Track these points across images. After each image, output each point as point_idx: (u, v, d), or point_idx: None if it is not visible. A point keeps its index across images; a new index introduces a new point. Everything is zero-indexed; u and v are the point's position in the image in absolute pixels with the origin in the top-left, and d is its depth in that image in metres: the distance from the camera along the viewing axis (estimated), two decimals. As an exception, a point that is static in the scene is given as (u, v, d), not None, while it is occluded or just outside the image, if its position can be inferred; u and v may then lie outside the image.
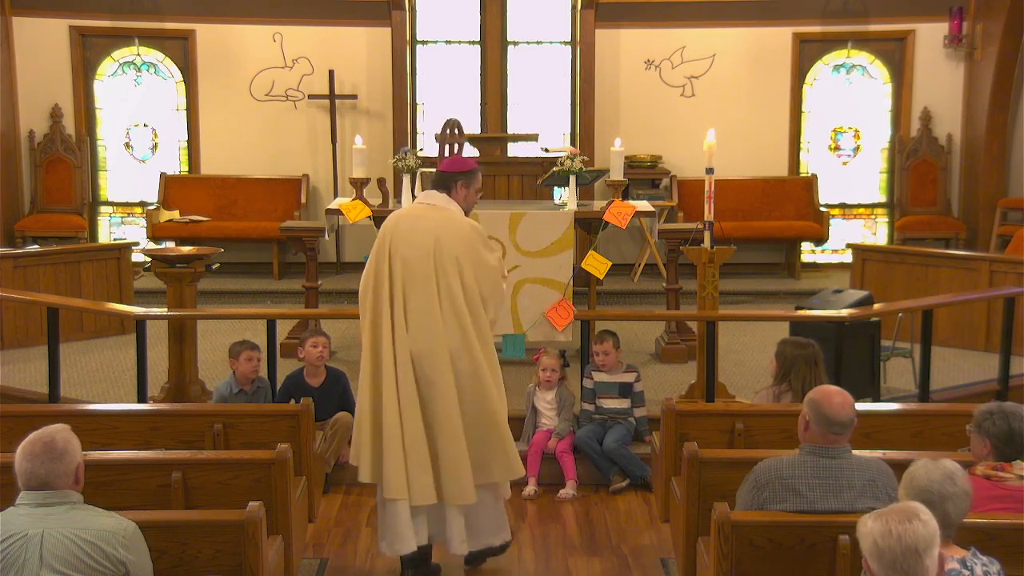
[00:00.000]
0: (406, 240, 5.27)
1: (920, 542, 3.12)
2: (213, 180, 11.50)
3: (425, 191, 5.52)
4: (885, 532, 3.15)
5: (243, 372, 6.68)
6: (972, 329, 8.81)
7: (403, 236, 5.29)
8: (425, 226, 5.30)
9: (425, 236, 5.25)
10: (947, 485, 3.55)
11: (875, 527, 3.17)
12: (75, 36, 11.39)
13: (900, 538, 3.12)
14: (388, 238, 5.32)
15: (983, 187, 11.33)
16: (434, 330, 5.19)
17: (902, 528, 3.14)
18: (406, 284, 5.22)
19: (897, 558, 3.11)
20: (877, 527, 3.17)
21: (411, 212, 5.51)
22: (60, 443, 3.76)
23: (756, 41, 11.56)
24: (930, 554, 3.14)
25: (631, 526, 6.30)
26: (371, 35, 11.35)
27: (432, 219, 5.32)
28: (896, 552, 3.11)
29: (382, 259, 5.29)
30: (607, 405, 6.97)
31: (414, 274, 5.22)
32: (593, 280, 8.15)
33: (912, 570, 3.12)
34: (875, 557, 3.15)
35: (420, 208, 5.45)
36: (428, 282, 5.21)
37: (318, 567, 5.69)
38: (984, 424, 4.24)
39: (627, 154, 9.85)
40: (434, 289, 5.21)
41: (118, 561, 3.71)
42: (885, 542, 3.13)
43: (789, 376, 5.89)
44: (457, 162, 5.69)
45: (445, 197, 5.40)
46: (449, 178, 5.45)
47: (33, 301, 8.05)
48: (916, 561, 3.11)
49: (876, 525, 3.17)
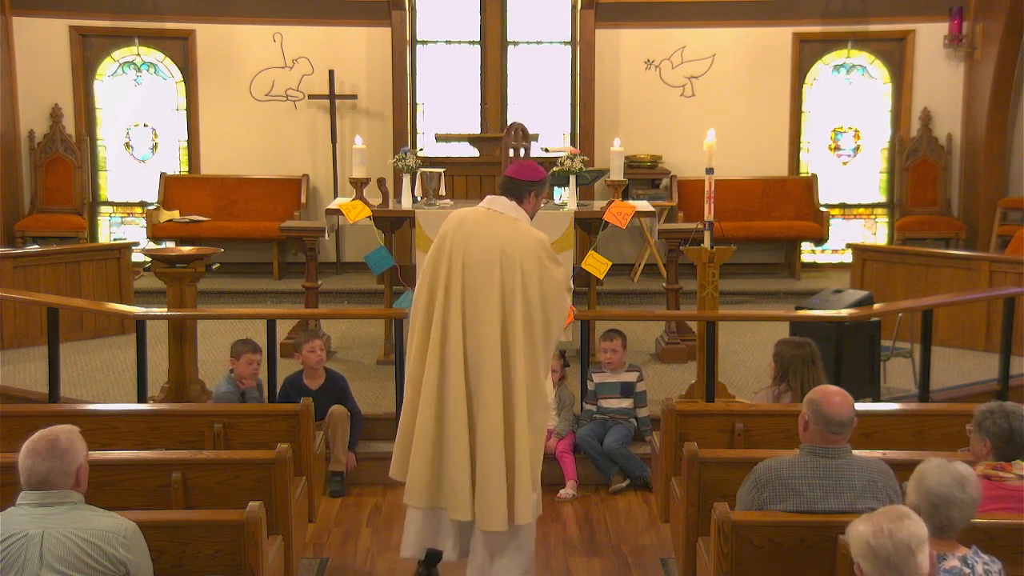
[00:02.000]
0: (470, 245, 5.00)
1: (912, 539, 3.15)
2: (213, 180, 11.51)
3: (492, 196, 5.19)
4: (877, 531, 3.17)
5: (241, 373, 6.68)
6: (972, 329, 8.81)
7: (466, 240, 5.01)
8: (491, 233, 5.02)
9: (491, 244, 4.98)
10: (955, 490, 3.54)
11: (866, 529, 3.20)
12: (75, 36, 11.39)
13: (892, 535, 3.15)
14: (449, 240, 5.05)
15: (983, 187, 11.33)
16: (490, 342, 4.94)
17: (894, 526, 3.17)
18: (467, 290, 4.98)
19: (891, 555, 3.14)
20: (868, 528, 3.19)
21: (475, 217, 5.14)
22: (64, 442, 3.77)
23: (756, 41, 11.56)
24: (923, 551, 3.16)
25: (631, 526, 6.30)
26: (371, 35, 11.35)
27: (499, 227, 5.04)
28: (889, 549, 3.14)
29: (440, 262, 5.04)
30: (608, 405, 6.97)
31: (477, 281, 4.96)
32: (593, 280, 8.15)
33: (905, 567, 3.14)
34: (868, 558, 3.17)
35: (485, 214, 5.12)
36: (491, 291, 4.95)
37: (318, 567, 5.69)
38: (984, 423, 4.24)
39: (627, 154, 9.86)
40: (497, 301, 4.94)
41: (118, 561, 3.71)
42: (877, 541, 3.16)
43: (788, 376, 5.89)
44: (530, 169, 5.27)
45: (515, 206, 5.11)
46: (522, 187, 5.14)
47: (33, 301, 8.05)
48: (909, 557, 3.14)
49: (866, 527, 3.20)
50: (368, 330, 9.31)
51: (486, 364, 4.94)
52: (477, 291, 4.98)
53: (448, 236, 5.09)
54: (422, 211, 8.06)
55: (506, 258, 4.97)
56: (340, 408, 6.74)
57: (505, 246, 4.99)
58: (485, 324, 4.96)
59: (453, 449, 4.97)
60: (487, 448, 4.94)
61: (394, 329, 7.29)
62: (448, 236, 5.09)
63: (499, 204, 5.13)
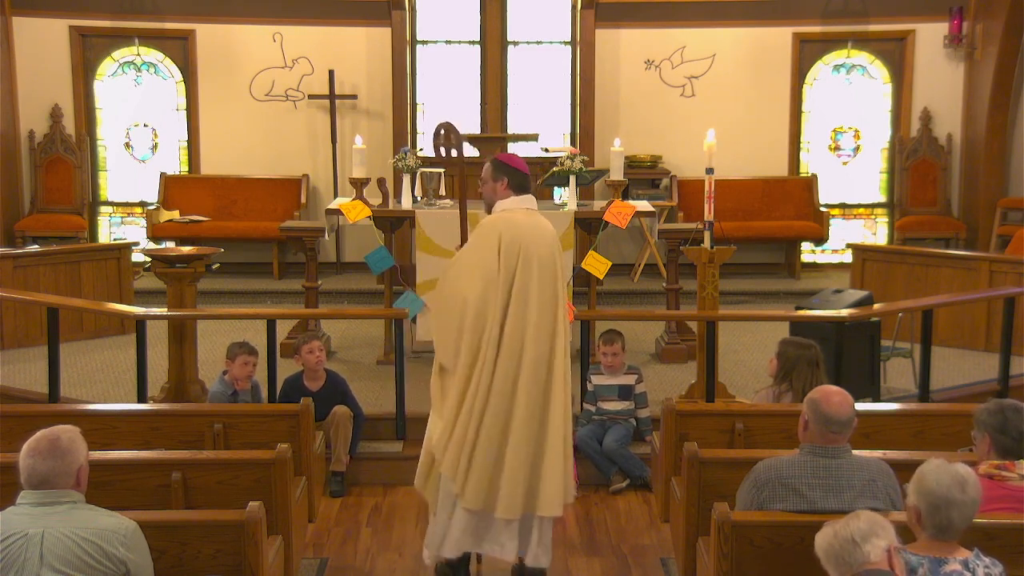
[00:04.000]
0: (533, 243, 5.13)
1: (856, 533, 3.40)
2: (213, 180, 11.51)
3: (519, 196, 5.26)
4: (828, 534, 3.47)
5: (236, 375, 6.67)
6: (972, 329, 8.81)
7: (530, 239, 5.13)
8: (543, 230, 5.21)
9: (545, 239, 5.18)
10: (955, 491, 3.54)
11: (820, 537, 3.49)
12: (75, 36, 11.39)
13: (837, 534, 3.43)
14: (517, 242, 5.10)
15: (983, 187, 11.33)
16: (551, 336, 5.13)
17: (839, 526, 3.46)
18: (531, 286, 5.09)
19: (839, 552, 3.41)
20: (822, 534, 3.48)
21: (523, 219, 5.22)
22: (65, 442, 3.77)
23: (756, 41, 11.56)
24: (869, 542, 3.38)
25: (631, 526, 6.30)
26: (371, 35, 11.35)
27: (543, 223, 5.25)
28: (835, 547, 3.42)
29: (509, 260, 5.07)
30: (607, 407, 6.97)
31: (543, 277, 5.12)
32: (593, 280, 8.14)
33: (852, 558, 3.39)
34: (827, 560, 3.46)
35: (527, 214, 5.25)
36: (553, 286, 5.14)
37: (318, 567, 5.69)
38: (984, 420, 4.24)
39: (627, 154, 9.86)
40: (557, 293, 5.16)
41: (118, 560, 3.71)
42: (827, 541, 3.45)
43: (790, 376, 5.88)
44: (520, 160, 5.41)
45: (535, 199, 5.35)
46: (529, 180, 5.33)
47: (33, 301, 8.05)
48: (854, 549, 3.38)
49: (821, 534, 3.51)
50: (368, 330, 9.31)
51: (550, 356, 5.10)
52: (544, 286, 5.12)
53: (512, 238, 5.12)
54: (422, 211, 8.06)
55: (556, 249, 5.22)
56: (344, 408, 6.73)
57: (552, 239, 5.23)
58: (546, 318, 5.12)
59: (521, 448, 5.04)
60: (555, 439, 5.11)
61: (394, 329, 7.29)
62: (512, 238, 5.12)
63: (531, 203, 5.30)
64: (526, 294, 5.09)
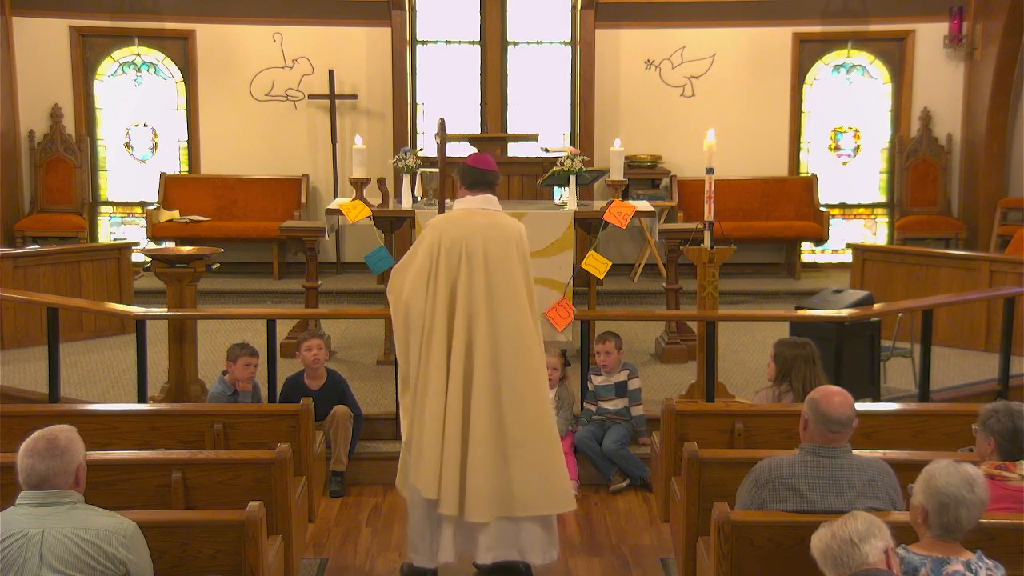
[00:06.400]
0: (485, 242, 5.11)
1: (854, 534, 3.39)
2: (213, 180, 11.51)
3: (477, 195, 5.24)
4: (825, 535, 3.47)
5: (237, 377, 6.67)
6: (972, 329, 8.81)
7: (479, 238, 5.10)
8: (502, 228, 5.18)
9: (504, 237, 5.15)
10: (964, 491, 3.56)
11: (817, 538, 3.48)
12: (75, 36, 11.39)
13: (835, 535, 3.42)
14: (459, 242, 5.09)
15: (983, 187, 11.33)
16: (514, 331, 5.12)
17: (837, 526, 3.45)
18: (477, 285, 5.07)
19: (836, 553, 3.40)
20: (819, 535, 3.47)
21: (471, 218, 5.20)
22: (63, 441, 3.77)
23: (756, 41, 11.56)
24: (867, 543, 3.37)
25: (631, 526, 6.29)
26: (371, 35, 11.35)
27: (504, 221, 5.22)
28: (833, 547, 3.41)
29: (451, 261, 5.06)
30: (607, 407, 6.97)
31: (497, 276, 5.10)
32: (593, 280, 8.14)
33: (850, 559, 3.38)
34: (824, 562, 3.45)
35: (484, 214, 5.22)
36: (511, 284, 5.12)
37: (318, 567, 5.68)
38: (989, 422, 4.24)
39: (627, 154, 9.86)
40: (516, 291, 5.12)
41: (118, 560, 3.71)
42: (825, 542, 3.44)
43: (789, 376, 5.89)
44: (490, 160, 5.42)
45: (496, 200, 5.30)
46: (496, 178, 5.32)
47: (33, 301, 8.04)
48: (853, 550, 3.37)
49: (818, 535, 3.47)
50: (368, 330, 9.31)
51: (514, 354, 5.06)
52: (499, 287, 5.08)
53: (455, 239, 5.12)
54: (422, 211, 8.05)
55: (517, 251, 5.16)
56: (344, 408, 6.74)
57: (512, 241, 5.17)
58: (503, 317, 5.08)
59: (479, 449, 5.01)
60: (528, 439, 5.06)
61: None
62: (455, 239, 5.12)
63: (492, 204, 5.27)
64: (472, 293, 5.06)
